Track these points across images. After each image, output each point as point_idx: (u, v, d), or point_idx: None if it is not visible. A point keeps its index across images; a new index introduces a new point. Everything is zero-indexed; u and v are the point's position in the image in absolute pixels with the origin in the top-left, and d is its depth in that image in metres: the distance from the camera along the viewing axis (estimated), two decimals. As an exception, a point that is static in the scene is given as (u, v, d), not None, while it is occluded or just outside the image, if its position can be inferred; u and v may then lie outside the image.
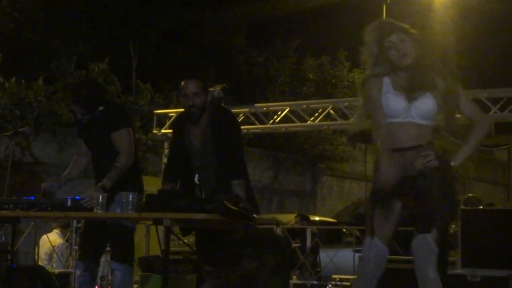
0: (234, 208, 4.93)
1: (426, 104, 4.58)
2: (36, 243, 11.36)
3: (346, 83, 26.97)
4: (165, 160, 12.17)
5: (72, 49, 17.91)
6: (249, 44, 25.48)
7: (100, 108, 5.94)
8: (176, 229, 5.71)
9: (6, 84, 15.05)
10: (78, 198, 5.71)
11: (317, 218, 18.60)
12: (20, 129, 6.96)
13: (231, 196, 5.11)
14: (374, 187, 4.54)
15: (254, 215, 5.12)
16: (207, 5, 24.37)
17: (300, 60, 26.11)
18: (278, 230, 12.00)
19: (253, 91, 23.85)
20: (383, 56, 4.57)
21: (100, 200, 5.32)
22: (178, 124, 5.89)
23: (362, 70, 27.61)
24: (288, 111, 11.51)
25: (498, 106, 9.98)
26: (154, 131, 12.68)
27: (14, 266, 6.68)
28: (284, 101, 19.41)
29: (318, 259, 12.98)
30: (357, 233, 13.42)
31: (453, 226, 8.90)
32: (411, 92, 4.58)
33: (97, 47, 18.99)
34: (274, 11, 25.58)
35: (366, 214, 4.59)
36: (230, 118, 5.71)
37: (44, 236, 11.88)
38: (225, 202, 4.93)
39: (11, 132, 6.96)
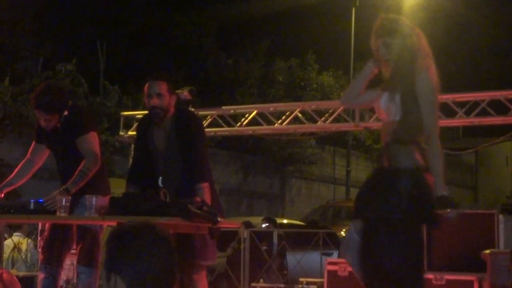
0: (197, 211, 4.88)
1: (383, 101, 4.54)
2: (0, 246, 11.20)
3: (315, 85, 27.07)
4: (132, 162, 12.12)
5: (39, 49, 17.75)
6: (218, 47, 25.48)
7: (65, 113, 5.85)
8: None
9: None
10: (41, 200, 5.62)
11: (285, 221, 18.62)
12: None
13: (195, 199, 5.06)
14: None
15: (218, 218, 5.08)
16: (176, 7, 24.35)
17: (269, 62, 26.16)
18: (246, 233, 11.98)
19: (221, 94, 23.84)
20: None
21: (63, 203, 5.25)
22: (142, 126, 5.83)
23: (330, 73, 27.79)
24: (256, 114, 11.49)
25: (464, 109, 10.05)
26: (121, 133, 12.59)
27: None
28: (253, 103, 19.42)
29: (285, 262, 12.98)
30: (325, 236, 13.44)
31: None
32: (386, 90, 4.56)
33: (64, 48, 18.86)
34: (244, 13, 25.62)
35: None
36: (194, 121, 5.65)
37: (9, 240, 11.75)
38: (188, 205, 4.88)
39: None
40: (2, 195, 5.97)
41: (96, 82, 18.99)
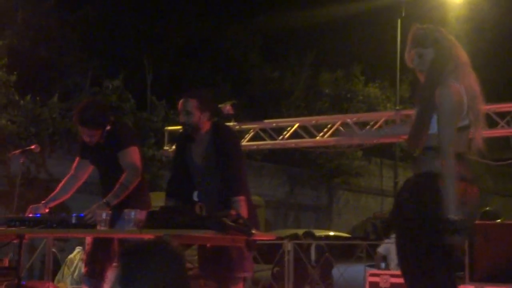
0: (232, 224, 4.99)
1: None
2: (48, 259, 11.46)
3: (361, 97, 27.04)
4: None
5: (86, 66, 18.08)
6: (263, 59, 25.62)
7: (107, 128, 6.02)
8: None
9: (21, 101, 15.23)
10: (82, 215, 5.78)
11: (331, 233, 18.65)
12: (27, 147, 7.04)
13: (230, 212, 5.17)
14: None
15: (253, 231, 5.18)
16: (222, 21, 24.55)
17: (315, 74, 26.21)
18: (289, 246, 12.06)
19: (267, 106, 23.97)
20: None
21: (103, 217, 5.40)
22: (180, 141, 5.98)
23: (377, 84, 27.75)
24: (298, 127, 11.58)
25: (505, 120, 10.03)
26: (166, 148, 12.79)
27: (23, 283, 6.77)
28: (298, 116, 19.49)
29: (330, 273, 13.02)
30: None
31: None
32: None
33: (111, 64, 19.17)
34: (289, 26, 25.73)
35: None
36: (231, 135, 5.77)
37: (70, 256, 12.02)
38: (223, 218, 5.00)
39: (19, 150, 7.04)
40: (47, 210, 6.15)
41: (143, 97, 19.25)
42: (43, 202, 6.22)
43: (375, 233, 19.17)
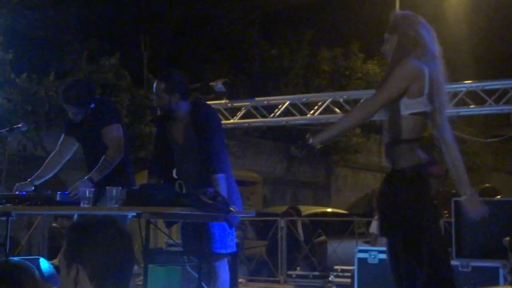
0: (209, 201, 5.08)
1: None
2: (43, 235, 11.62)
3: (360, 74, 27.02)
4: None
5: (83, 44, 18.10)
6: (262, 37, 25.58)
7: (92, 105, 6.14)
8: (161, 222, 5.90)
9: (17, 80, 15.28)
10: (67, 192, 5.89)
11: (329, 210, 18.76)
12: (15, 126, 7.14)
13: (208, 190, 5.26)
14: None
15: (231, 208, 5.26)
16: (220, -2, 24.53)
17: (313, 52, 26.17)
18: (282, 222, 12.16)
19: (266, 84, 23.98)
20: None
21: (87, 195, 5.50)
22: (161, 119, 6.07)
23: (376, 61, 27.71)
24: (289, 104, 11.64)
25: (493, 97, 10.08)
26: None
27: (15, 259, 6.87)
28: (297, 93, 19.53)
29: (324, 249, 13.13)
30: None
31: None
32: None
33: (108, 42, 19.19)
34: (287, 3, 25.66)
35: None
36: (208, 113, 5.85)
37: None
38: (201, 196, 5.09)
39: (7, 129, 7.14)
40: (33, 188, 6.25)
41: (139, 75, 19.27)
42: (29, 180, 6.33)
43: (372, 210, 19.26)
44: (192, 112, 5.79)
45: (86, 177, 5.93)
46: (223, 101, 12.06)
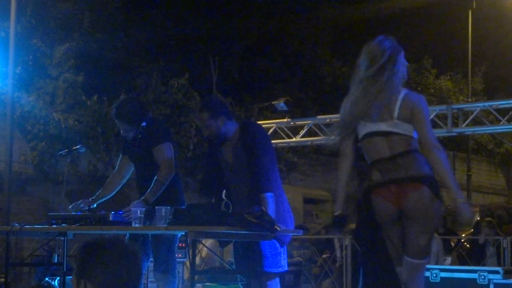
0: (254, 220, 5.09)
1: None
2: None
3: (432, 90, 26.75)
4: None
5: (153, 65, 18.38)
6: (332, 54, 25.57)
7: (143, 123, 6.22)
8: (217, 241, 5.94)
9: (88, 102, 15.59)
10: (121, 212, 5.99)
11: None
12: (74, 148, 7.27)
13: (255, 209, 5.27)
14: None
15: (277, 227, 5.25)
16: (289, 17, 24.57)
17: (384, 68, 25.95)
18: (347, 241, 12.06)
19: (336, 101, 23.93)
20: None
21: (138, 214, 5.58)
22: (211, 145, 6.10)
23: (448, 77, 27.39)
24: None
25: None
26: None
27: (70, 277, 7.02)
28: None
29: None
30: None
31: None
32: None
33: (177, 63, 19.44)
34: (357, 19, 25.60)
35: None
36: (256, 133, 5.84)
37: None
38: (245, 215, 5.10)
39: (66, 150, 7.28)
40: (87, 207, 6.36)
41: (209, 95, 19.44)
42: (91, 199, 6.45)
43: (445, 229, 18.95)
44: (240, 131, 5.81)
45: (141, 198, 6.02)
46: (285, 120, 12.09)
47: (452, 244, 13.99)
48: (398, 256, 4.89)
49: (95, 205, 6.38)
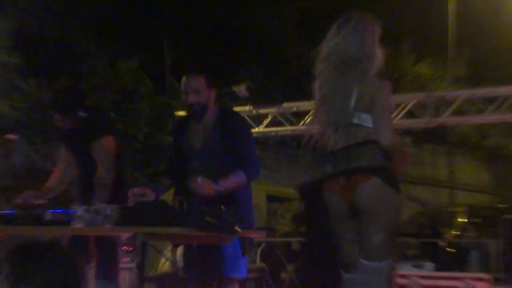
0: (212, 220, 4.99)
1: None
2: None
3: (411, 77, 26.88)
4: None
5: (98, 46, 18.20)
6: (300, 37, 25.55)
7: (80, 113, 6.09)
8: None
9: (25, 86, 15.38)
10: (60, 211, 5.87)
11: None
12: (7, 137, 7.12)
13: (213, 207, 5.18)
14: None
15: (237, 228, 5.16)
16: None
17: (358, 52, 26.03)
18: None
19: (304, 88, 23.93)
20: None
21: (79, 213, 5.46)
22: (179, 125, 6.02)
23: (428, 62, 27.54)
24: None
25: None
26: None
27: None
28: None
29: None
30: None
31: None
32: None
33: (127, 44, 19.27)
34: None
35: None
36: (239, 119, 5.85)
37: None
38: (204, 214, 5.01)
39: (-2, 140, 7.14)
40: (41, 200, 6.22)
41: (161, 79, 19.34)
42: (38, 192, 6.30)
43: (431, 230, 19.07)
44: (219, 116, 5.73)
45: (93, 208, 5.89)
46: (247, 108, 12.01)
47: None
48: (352, 259, 4.86)
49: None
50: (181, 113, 13.97)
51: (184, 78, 5.75)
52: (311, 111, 11.61)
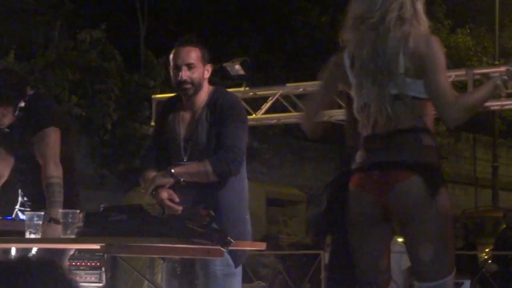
0: (199, 229, 5.06)
1: None
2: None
3: (446, 49, 26.89)
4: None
5: (55, 12, 18.23)
6: (307, 0, 25.65)
7: (21, 104, 6.21)
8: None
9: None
10: (9, 218, 5.96)
11: (399, 239, 18.67)
12: None
13: (200, 212, 5.25)
14: None
15: (230, 239, 5.24)
16: None
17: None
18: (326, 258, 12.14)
19: (313, 64, 23.97)
20: None
21: (34, 221, 5.55)
22: (166, 108, 6.08)
23: (468, 30, 27.62)
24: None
25: None
26: (153, 123, 12.94)
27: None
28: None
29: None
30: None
31: None
32: None
33: (90, 9, 19.33)
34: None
35: None
36: (233, 101, 5.88)
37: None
38: (187, 222, 5.08)
39: None
40: None
41: (134, 54, 19.37)
42: None
43: (466, 238, 19.17)
44: (209, 99, 5.81)
45: (49, 219, 5.98)
46: (241, 89, 12.07)
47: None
48: (374, 277, 4.88)
49: None
50: (159, 96, 14.01)
51: (174, 50, 5.82)
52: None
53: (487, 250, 15.69)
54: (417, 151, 4.66)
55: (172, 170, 5.53)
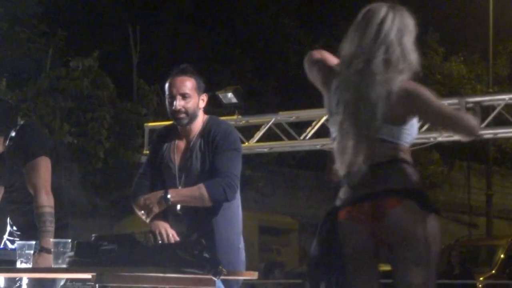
0: (190, 258, 5.07)
1: None
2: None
3: (440, 76, 27.04)
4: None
5: (48, 39, 18.24)
6: (300, 26, 25.67)
7: (12, 133, 6.22)
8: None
9: None
10: (1, 248, 5.96)
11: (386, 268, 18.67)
12: None
13: (192, 240, 5.25)
14: None
15: (222, 268, 5.24)
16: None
17: (372, 46, 26.18)
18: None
19: (306, 91, 24.02)
20: None
21: (26, 250, 5.55)
22: (160, 137, 6.09)
23: (461, 58, 27.66)
24: (326, 120, 11.64)
25: None
26: (146, 151, 12.94)
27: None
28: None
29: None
30: None
31: None
32: None
33: (83, 36, 19.34)
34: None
35: None
36: (228, 130, 5.88)
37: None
38: (178, 251, 5.08)
39: None
40: None
41: (127, 81, 19.38)
42: None
43: (462, 268, 19.19)
44: (205, 126, 5.83)
45: (40, 248, 5.99)
46: (234, 117, 12.08)
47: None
48: None
49: None
50: (152, 124, 14.02)
51: (169, 80, 5.85)
52: (314, 122, 11.74)
53: (481, 278, 15.73)
54: (403, 178, 4.66)
55: (169, 196, 5.53)
